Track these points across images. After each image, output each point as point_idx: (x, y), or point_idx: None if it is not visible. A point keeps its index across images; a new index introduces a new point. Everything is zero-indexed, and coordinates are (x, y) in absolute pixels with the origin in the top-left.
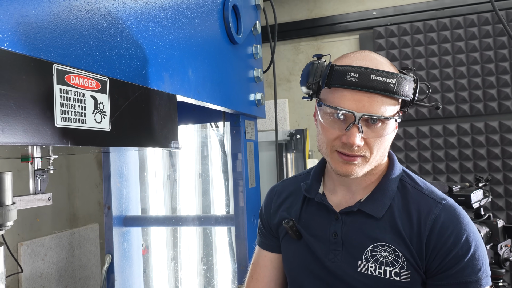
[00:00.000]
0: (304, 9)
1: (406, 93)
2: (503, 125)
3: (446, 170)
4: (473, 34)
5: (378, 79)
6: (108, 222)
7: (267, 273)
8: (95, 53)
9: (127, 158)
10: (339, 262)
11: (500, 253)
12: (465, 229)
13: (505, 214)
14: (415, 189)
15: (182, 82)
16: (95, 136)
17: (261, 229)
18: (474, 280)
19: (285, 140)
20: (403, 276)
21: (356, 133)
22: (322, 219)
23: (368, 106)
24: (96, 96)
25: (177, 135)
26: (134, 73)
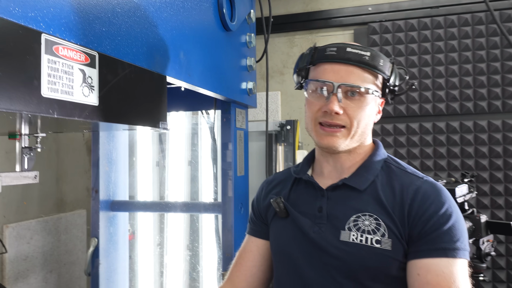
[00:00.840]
0: (300, 2)
1: (381, 68)
2: (492, 124)
3: (434, 167)
4: (466, 33)
5: (354, 51)
6: (95, 205)
7: (251, 257)
8: (85, 27)
9: (117, 143)
10: (323, 234)
11: (482, 247)
12: (446, 201)
13: (490, 212)
14: (398, 169)
15: (173, 64)
16: (82, 109)
17: (252, 217)
18: (452, 248)
19: (275, 131)
20: (384, 244)
21: (335, 101)
22: (309, 196)
23: (346, 77)
24: (85, 70)
25: (166, 116)
26: (125, 51)
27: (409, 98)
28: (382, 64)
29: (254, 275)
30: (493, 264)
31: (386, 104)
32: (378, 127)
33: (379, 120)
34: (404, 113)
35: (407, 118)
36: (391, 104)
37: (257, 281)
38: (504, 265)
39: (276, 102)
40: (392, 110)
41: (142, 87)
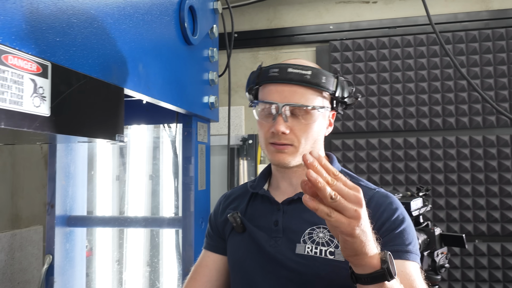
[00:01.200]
0: (264, 19)
1: (324, 84)
2: (446, 140)
3: (393, 182)
4: (422, 53)
5: (295, 71)
6: (50, 221)
7: (207, 272)
8: (37, 36)
9: (75, 156)
10: (279, 247)
11: (436, 260)
12: (397, 208)
13: (446, 226)
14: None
15: (132, 76)
16: (32, 120)
17: (209, 232)
18: (404, 250)
19: (237, 145)
20: (338, 255)
21: (281, 121)
22: (265, 210)
23: (290, 96)
24: (36, 80)
25: (123, 128)
26: (80, 61)
27: (369, 114)
28: (325, 80)
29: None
30: (449, 276)
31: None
32: (339, 142)
33: (340, 135)
34: (364, 129)
35: (367, 134)
36: (342, 114)
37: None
38: (460, 277)
39: (240, 117)
40: (352, 126)
41: (97, 98)
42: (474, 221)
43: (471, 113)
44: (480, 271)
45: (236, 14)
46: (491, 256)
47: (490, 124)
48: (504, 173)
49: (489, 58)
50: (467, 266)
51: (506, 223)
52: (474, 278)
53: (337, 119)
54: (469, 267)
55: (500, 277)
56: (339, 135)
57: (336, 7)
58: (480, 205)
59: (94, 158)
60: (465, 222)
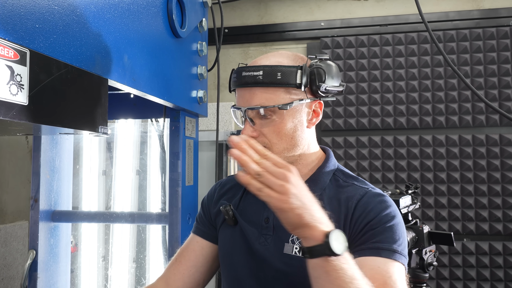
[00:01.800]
0: (255, 15)
1: (280, 80)
2: (436, 139)
3: (382, 180)
4: (413, 51)
5: (248, 74)
6: (34, 216)
7: (192, 257)
8: (15, 22)
9: (60, 150)
10: (268, 246)
11: (424, 257)
12: (387, 207)
13: (434, 224)
14: (346, 182)
15: (116, 67)
16: (9, 108)
17: (201, 217)
18: (386, 248)
19: (226, 141)
20: None
21: (248, 126)
22: (257, 206)
23: (250, 100)
24: (13, 67)
25: (106, 120)
26: (61, 50)
27: (359, 112)
28: (281, 76)
29: (192, 276)
30: (437, 274)
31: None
32: (329, 140)
33: (330, 133)
34: (354, 127)
35: (357, 132)
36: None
37: (193, 282)
38: (448, 276)
39: (229, 113)
40: (342, 124)
41: (79, 88)
42: (463, 220)
43: (461, 112)
44: (468, 269)
45: (227, 9)
46: (479, 255)
47: (480, 123)
48: (493, 172)
49: (480, 57)
50: (455, 265)
51: (494, 222)
52: (462, 276)
53: (327, 117)
54: (457, 266)
55: (487, 275)
56: (329, 132)
57: (328, 3)
58: (468, 204)
59: (80, 152)
60: (454, 220)
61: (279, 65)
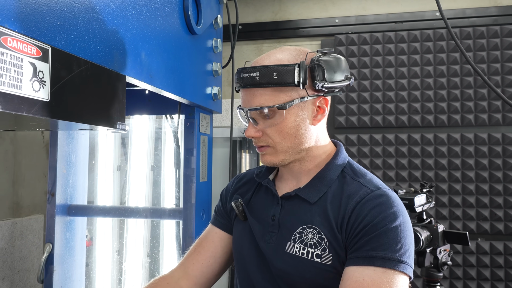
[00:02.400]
0: (269, 11)
1: (277, 80)
2: (451, 137)
3: (396, 178)
4: (428, 48)
5: (246, 76)
6: (51, 210)
7: (211, 248)
8: (38, 19)
9: (76, 145)
10: (272, 244)
11: (439, 257)
12: (386, 210)
13: (448, 223)
14: (352, 179)
15: (134, 64)
16: (31, 105)
17: (219, 208)
18: (380, 257)
19: (240, 137)
20: (324, 259)
21: (251, 126)
22: (266, 202)
23: (251, 100)
24: (36, 64)
25: (124, 116)
26: (81, 47)
27: (373, 109)
28: (277, 76)
29: (210, 266)
30: (450, 274)
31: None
32: (342, 137)
33: (344, 130)
34: (368, 124)
35: (371, 129)
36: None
37: (211, 272)
38: (461, 275)
39: None
40: (356, 121)
41: (99, 85)
42: (477, 219)
43: (477, 111)
44: (482, 269)
45: (241, 6)
46: (493, 255)
47: (496, 122)
48: (508, 172)
49: (497, 55)
50: (469, 264)
51: (509, 222)
52: (476, 276)
53: (340, 114)
54: (471, 265)
55: (502, 276)
56: (342, 130)
57: (342, 0)
58: (483, 203)
59: (95, 147)
60: (468, 220)
61: (276, 65)
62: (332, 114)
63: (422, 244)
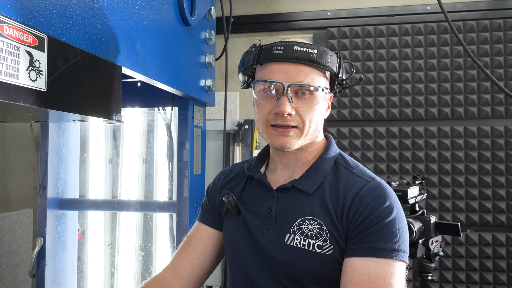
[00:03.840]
0: (261, 4)
1: (329, 64)
2: (441, 130)
3: (387, 171)
4: (419, 42)
5: (301, 50)
6: (42, 203)
7: (200, 246)
8: (34, 7)
9: (67, 138)
10: (270, 236)
11: (431, 248)
12: (385, 201)
13: (438, 215)
14: (346, 169)
15: (129, 55)
16: (28, 94)
17: (206, 205)
18: (383, 248)
19: (233, 130)
20: (326, 249)
21: (287, 102)
22: (260, 195)
23: (295, 75)
24: (32, 52)
25: (120, 107)
26: (77, 36)
27: (365, 102)
28: (330, 60)
29: (201, 265)
30: (440, 265)
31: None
32: (334, 130)
33: (336, 123)
34: (359, 117)
35: (362, 122)
36: (337, 97)
37: (202, 270)
38: (451, 266)
39: (235, 103)
40: (348, 114)
41: (95, 75)
42: (466, 211)
43: (466, 103)
44: (471, 260)
45: None
46: (482, 246)
47: (485, 114)
48: (497, 164)
49: (486, 48)
50: (458, 255)
51: (497, 213)
52: (465, 267)
53: (332, 107)
54: (460, 256)
55: (490, 266)
56: (334, 123)
57: None
58: (472, 195)
59: (87, 140)
60: (458, 211)
61: (328, 50)
62: None
63: (415, 235)
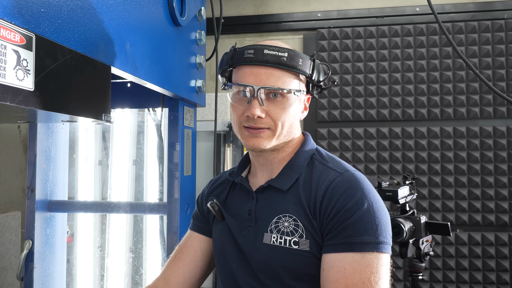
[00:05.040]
0: (251, 5)
1: (300, 67)
2: (431, 130)
3: (377, 171)
4: (409, 43)
5: (271, 53)
6: (30, 205)
7: (191, 253)
8: (21, 5)
9: (56, 139)
10: (250, 238)
11: (421, 247)
12: (357, 193)
13: (428, 215)
14: (321, 164)
15: (119, 55)
16: (16, 94)
17: (196, 213)
18: (358, 242)
19: (224, 131)
20: (302, 245)
21: (257, 105)
22: (242, 199)
23: (265, 79)
24: (19, 51)
25: (109, 108)
26: (65, 35)
27: (355, 103)
28: (302, 63)
29: (192, 271)
30: (430, 264)
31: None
32: (325, 131)
33: (326, 124)
34: (350, 118)
35: (353, 123)
36: (316, 98)
37: (193, 277)
38: (441, 266)
39: (225, 103)
40: (338, 115)
41: (84, 75)
42: (456, 210)
43: (456, 104)
44: (460, 259)
45: None
46: (471, 245)
47: (474, 115)
48: (486, 164)
49: (475, 50)
50: (448, 255)
51: (487, 213)
52: (454, 266)
53: (322, 108)
54: (450, 256)
55: (480, 266)
56: (324, 123)
57: None
58: (462, 195)
59: (76, 141)
60: (447, 211)
61: (298, 52)
62: (314, 108)
63: (405, 235)
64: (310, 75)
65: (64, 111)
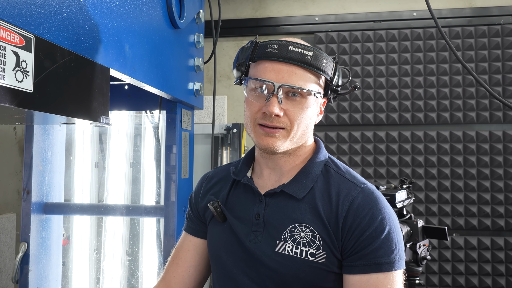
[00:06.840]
0: (249, 8)
1: (324, 68)
2: (428, 135)
3: (374, 175)
4: (406, 48)
5: (296, 50)
6: (26, 208)
7: (189, 257)
8: (21, 6)
9: (53, 141)
10: (259, 243)
11: (418, 251)
12: (381, 211)
13: (425, 219)
14: (337, 173)
15: (118, 57)
16: (15, 96)
17: (190, 214)
18: (386, 262)
19: (221, 134)
20: (319, 257)
21: (276, 103)
22: (247, 201)
23: (287, 77)
24: (19, 53)
25: (108, 110)
26: (65, 37)
27: (352, 107)
28: (325, 64)
29: (191, 276)
30: (427, 268)
31: (328, 109)
32: (322, 135)
33: (323, 128)
34: (347, 122)
35: (350, 127)
36: (334, 102)
37: (194, 282)
38: (437, 270)
39: (223, 106)
40: (336, 119)
41: (83, 77)
42: (452, 215)
43: (452, 109)
44: (457, 264)
45: (221, 2)
46: (467, 250)
47: (470, 120)
48: (482, 168)
49: (471, 55)
50: (444, 259)
51: (483, 218)
52: (451, 271)
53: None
54: (446, 260)
55: (476, 270)
56: (322, 127)
57: None
58: (458, 199)
59: (72, 143)
60: (444, 216)
61: (324, 53)
62: None
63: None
64: (332, 78)
65: (63, 113)
